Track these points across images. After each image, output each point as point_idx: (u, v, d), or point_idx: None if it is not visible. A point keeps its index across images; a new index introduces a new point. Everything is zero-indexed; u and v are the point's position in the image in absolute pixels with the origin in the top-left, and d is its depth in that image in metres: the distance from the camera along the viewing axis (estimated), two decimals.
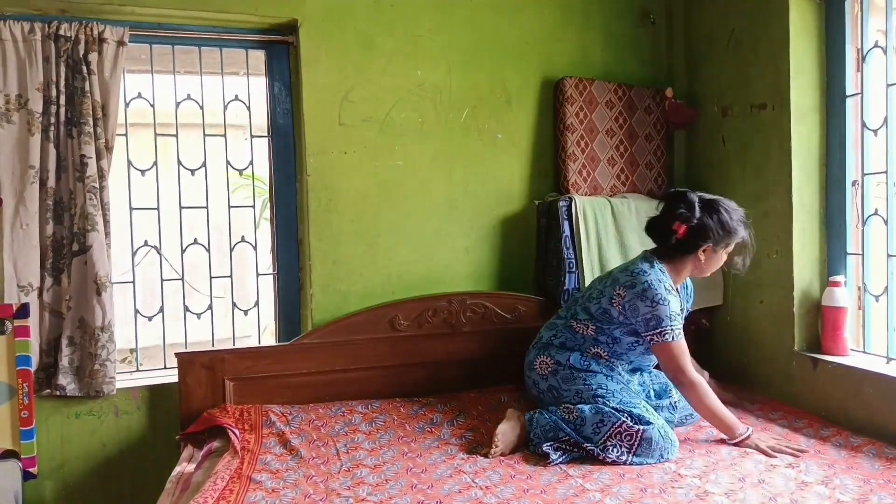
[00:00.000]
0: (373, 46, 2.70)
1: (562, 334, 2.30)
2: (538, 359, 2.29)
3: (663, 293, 2.14)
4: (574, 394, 2.18)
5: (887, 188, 2.30)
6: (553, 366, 2.25)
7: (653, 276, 2.17)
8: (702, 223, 2.17)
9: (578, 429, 2.07)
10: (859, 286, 2.44)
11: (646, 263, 2.22)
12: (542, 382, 2.26)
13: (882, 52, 2.31)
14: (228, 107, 2.75)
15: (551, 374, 2.24)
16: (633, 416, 2.06)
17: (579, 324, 2.28)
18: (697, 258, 2.22)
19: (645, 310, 2.14)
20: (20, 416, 2.35)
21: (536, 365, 2.28)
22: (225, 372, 2.46)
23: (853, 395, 2.26)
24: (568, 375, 2.21)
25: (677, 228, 2.17)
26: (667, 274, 2.22)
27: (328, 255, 2.67)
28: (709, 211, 2.19)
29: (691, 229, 2.18)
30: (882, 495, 1.74)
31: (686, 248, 2.21)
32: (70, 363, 2.42)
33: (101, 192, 2.41)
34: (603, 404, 2.10)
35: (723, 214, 2.19)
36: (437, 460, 2.06)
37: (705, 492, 1.80)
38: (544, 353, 2.28)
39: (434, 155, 2.79)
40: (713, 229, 2.17)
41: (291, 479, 1.93)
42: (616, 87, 2.91)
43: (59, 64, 2.36)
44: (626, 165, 2.93)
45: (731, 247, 2.26)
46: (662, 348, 2.15)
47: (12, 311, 2.35)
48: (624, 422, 2.03)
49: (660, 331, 2.13)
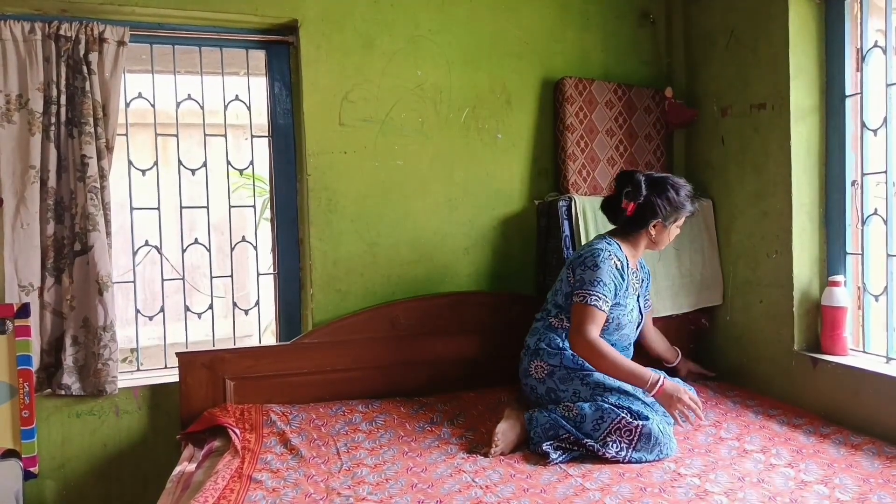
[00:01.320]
0: (373, 46, 2.70)
1: (545, 336, 2.32)
2: (532, 364, 2.30)
3: (604, 260, 2.23)
4: (572, 393, 2.20)
5: (887, 188, 2.30)
6: (548, 369, 2.26)
7: (602, 247, 2.28)
8: (648, 201, 2.27)
9: (578, 426, 2.08)
10: (859, 286, 2.44)
11: (602, 241, 2.32)
12: (540, 386, 2.27)
13: (882, 52, 2.31)
14: (229, 107, 2.75)
15: (548, 376, 2.26)
16: (632, 412, 2.07)
17: (555, 319, 2.33)
18: (649, 233, 2.33)
19: (581, 273, 2.24)
20: (21, 415, 2.35)
21: (532, 370, 2.30)
22: (225, 372, 2.47)
23: (853, 394, 2.27)
24: (564, 376, 2.23)
25: (626, 206, 2.29)
26: (621, 250, 2.31)
27: (328, 255, 2.67)
28: (656, 189, 2.28)
29: (639, 207, 2.28)
30: (882, 494, 1.74)
31: (637, 225, 2.32)
32: (74, 362, 2.42)
33: (101, 191, 2.42)
34: (602, 401, 2.11)
35: (669, 192, 2.29)
36: (437, 459, 2.07)
37: (705, 491, 1.80)
38: (537, 358, 2.29)
39: (434, 155, 2.79)
40: (660, 206, 2.28)
41: (292, 478, 1.94)
42: (616, 86, 2.92)
43: (60, 64, 2.37)
44: (626, 165, 2.93)
45: (681, 221, 2.36)
46: (578, 308, 2.21)
47: (13, 311, 2.35)
48: (623, 417, 2.04)
49: (584, 291, 2.21)
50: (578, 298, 2.22)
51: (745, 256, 2.73)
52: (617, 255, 2.28)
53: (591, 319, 2.19)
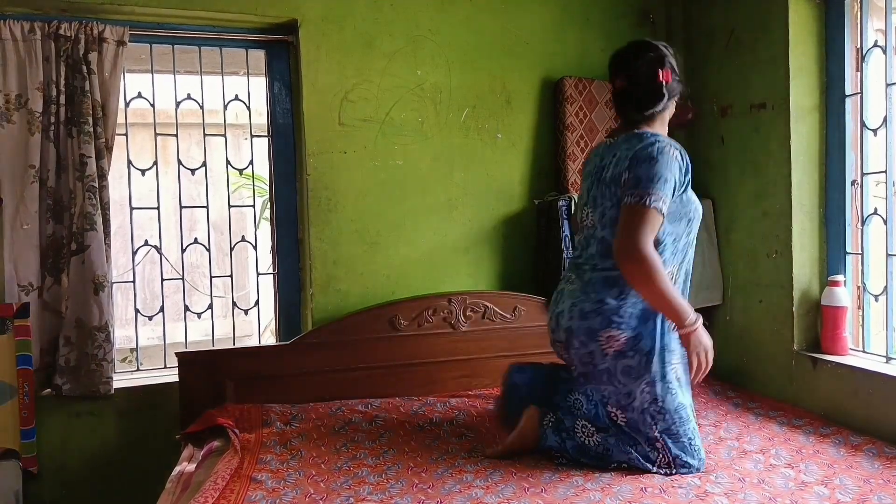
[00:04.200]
0: (373, 46, 2.70)
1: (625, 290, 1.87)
2: (606, 331, 1.88)
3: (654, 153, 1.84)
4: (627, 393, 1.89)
5: (887, 188, 2.30)
6: (626, 343, 1.87)
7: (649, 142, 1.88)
8: (669, 63, 1.96)
9: (601, 457, 1.95)
10: (859, 286, 2.44)
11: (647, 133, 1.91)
12: (600, 361, 1.92)
13: (881, 51, 2.31)
14: (228, 107, 2.75)
15: (613, 357, 1.89)
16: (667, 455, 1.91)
17: None
18: (664, 109, 1.98)
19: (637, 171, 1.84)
20: (20, 415, 2.35)
21: (602, 338, 1.89)
22: (225, 371, 2.46)
23: (853, 394, 2.27)
24: (634, 369, 1.88)
25: (663, 78, 1.93)
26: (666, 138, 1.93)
27: (328, 255, 2.67)
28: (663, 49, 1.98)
29: (672, 71, 1.95)
30: (882, 495, 1.74)
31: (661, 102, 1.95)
32: (66, 363, 2.41)
33: (100, 191, 2.41)
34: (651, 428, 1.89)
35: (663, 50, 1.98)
36: (438, 460, 2.06)
37: (705, 492, 1.80)
38: (613, 326, 1.87)
39: (434, 155, 2.79)
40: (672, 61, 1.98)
41: (292, 478, 1.93)
42: None
43: (59, 63, 2.37)
44: None
45: None
46: (631, 209, 1.80)
47: (13, 311, 2.35)
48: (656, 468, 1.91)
49: (641, 190, 1.80)
50: (634, 199, 1.79)
51: (745, 256, 2.73)
52: (672, 145, 1.87)
53: (650, 224, 1.78)
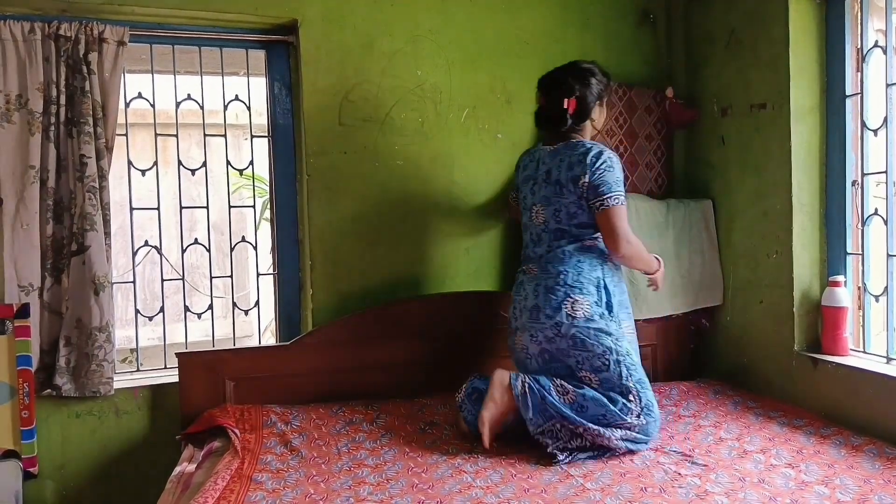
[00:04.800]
0: (373, 46, 2.70)
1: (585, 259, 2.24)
2: (570, 299, 2.17)
3: (612, 157, 2.22)
4: (601, 353, 2.13)
5: (887, 188, 2.30)
6: (591, 306, 2.17)
7: (597, 148, 2.23)
8: (582, 90, 2.29)
9: (578, 412, 2.08)
10: (859, 286, 2.44)
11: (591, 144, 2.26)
12: (567, 326, 2.15)
13: (882, 52, 2.31)
14: (228, 107, 2.75)
15: (584, 319, 2.15)
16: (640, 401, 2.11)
17: (589, 239, 2.26)
18: (592, 122, 2.35)
19: (600, 177, 2.18)
20: (20, 415, 2.35)
21: (567, 305, 2.17)
22: (225, 372, 2.46)
23: (853, 394, 2.27)
24: (603, 329, 2.14)
25: (568, 105, 2.28)
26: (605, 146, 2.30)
27: (328, 255, 2.67)
28: (580, 77, 2.30)
29: (579, 99, 2.28)
30: (882, 495, 1.74)
31: (581, 118, 2.30)
32: (66, 363, 2.41)
33: (100, 191, 2.41)
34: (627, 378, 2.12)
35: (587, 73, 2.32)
36: (438, 460, 2.07)
37: (705, 491, 1.80)
38: (576, 291, 2.18)
39: (434, 155, 2.79)
40: (592, 89, 2.30)
41: (292, 478, 1.94)
42: (616, 86, 2.92)
43: (59, 64, 2.36)
44: (627, 165, 2.93)
45: (608, 94, 2.42)
46: (611, 212, 2.17)
47: (13, 311, 2.35)
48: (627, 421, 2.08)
49: (613, 192, 2.17)
50: (612, 202, 2.17)
51: (746, 256, 2.73)
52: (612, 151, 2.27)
53: (625, 217, 2.19)
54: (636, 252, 2.23)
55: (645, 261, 2.31)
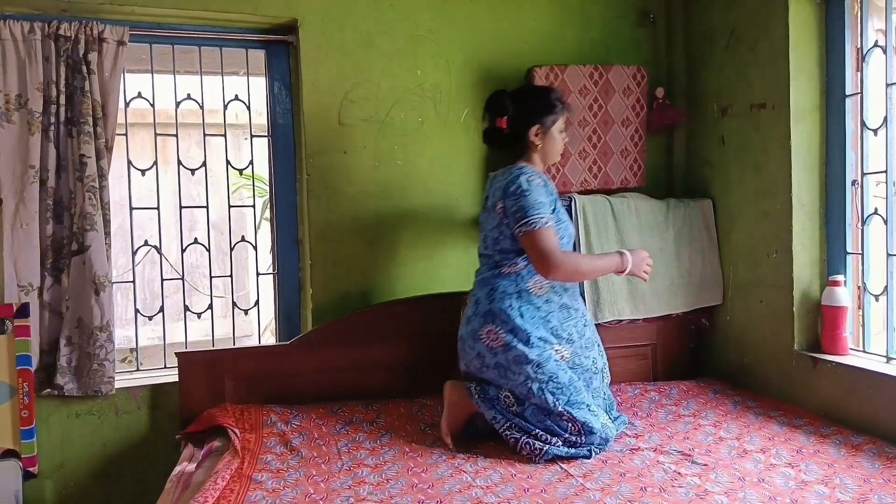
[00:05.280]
0: (373, 46, 2.70)
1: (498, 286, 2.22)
2: (485, 328, 2.19)
3: (529, 181, 2.18)
4: (524, 380, 2.12)
5: (887, 188, 2.30)
6: (504, 339, 2.15)
7: (518, 172, 2.22)
8: (517, 111, 2.29)
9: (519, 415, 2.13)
10: (859, 286, 2.44)
11: (514, 169, 2.26)
12: (490, 356, 2.17)
13: (882, 51, 2.31)
14: (228, 106, 2.75)
15: (502, 350, 2.15)
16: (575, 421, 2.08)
17: (508, 266, 2.23)
18: (535, 145, 2.30)
19: (515, 204, 2.17)
20: (20, 415, 2.35)
21: (483, 335, 2.19)
22: (225, 371, 2.46)
23: (853, 394, 2.27)
24: (520, 357, 2.12)
25: (500, 124, 2.30)
26: (534, 170, 2.26)
27: (328, 255, 2.67)
28: (519, 98, 2.31)
29: (511, 119, 2.29)
30: (882, 495, 1.74)
31: (521, 139, 2.30)
32: (68, 363, 2.42)
33: (100, 191, 2.41)
34: (554, 405, 2.09)
35: (531, 95, 2.35)
36: (438, 460, 2.07)
37: (705, 491, 1.80)
38: (491, 322, 2.18)
39: (434, 155, 2.79)
40: (530, 110, 2.29)
41: (292, 478, 1.94)
42: (592, 69, 2.83)
43: (59, 64, 2.36)
44: (599, 156, 2.85)
45: (560, 123, 2.33)
46: (532, 237, 2.13)
47: (12, 311, 2.35)
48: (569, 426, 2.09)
49: (528, 218, 2.13)
50: (529, 227, 2.13)
51: (745, 256, 2.73)
52: (534, 174, 2.22)
53: (547, 240, 2.12)
54: (571, 269, 2.17)
55: (593, 271, 2.27)
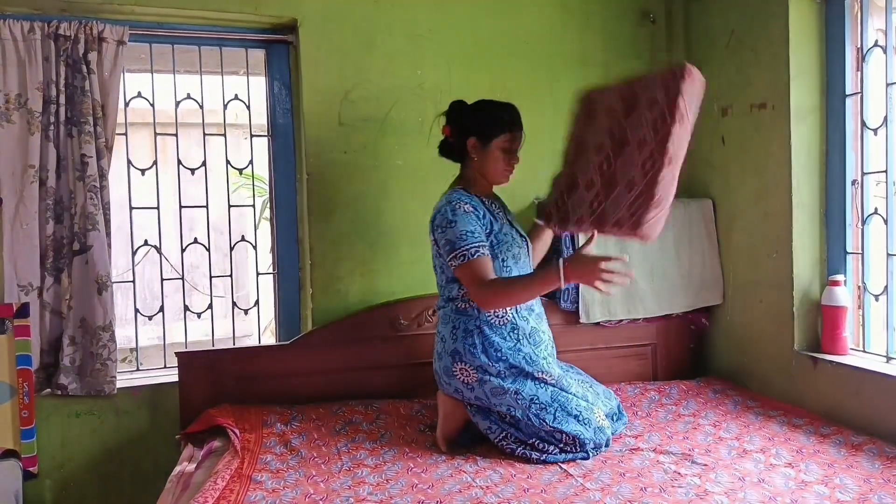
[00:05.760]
0: (373, 46, 2.70)
1: (459, 323, 2.16)
2: (457, 366, 2.13)
3: (454, 210, 2.11)
4: (507, 408, 2.10)
5: (887, 187, 2.30)
6: (476, 375, 2.12)
7: (444, 202, 2.17)
8: (461, 121, 2.25)
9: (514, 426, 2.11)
10: (859, 285, 2.44)
11: (443, 198, 2.21)
12: (468, 392, 2.14)
13: (882, 51, 2.31)
14: (228, 106, 2.75)
15: (477, 384, 2.12)
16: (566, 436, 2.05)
17: (462, 301, 2.17)
18: (472, 159, 2.22)
19: (443, 237, 2.12)
20: (20, 415, 2.35)
21: (457, 372, 2.13)
22: (225, 372, 2.46)
23: (853, 394, 2.27)
24: (497, 389, 2.09)
25: (444, 131, 2.28)
26: (465, 193, 2.19)
27: (328, 255, 2.67)
28: (467, 109, 2.27)
29: (454, 129, 2.26)
30: (882, 495, 1.74)
31: (460, 151, 2.25)
32: (72, 363, 2.42)
33: (101, 191, 2.41)
34: (541, 425, 2.06)
35: (477, 109, 2.25)
36: (438, 460, 2.06)
37: (705, 491, 1.80)
38: (460, 360, 2.13)
39: (434, 155, 2.77)
40: (470, 122, 2.23)
41: (292, 478, 1.93)
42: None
43: (59, 63, 2.36)
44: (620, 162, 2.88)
45: (501, 139, 2.19)
46: (463, 269, 2.07)
47: (12, 311, 2.35)
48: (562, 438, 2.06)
49: (457, 251, 2.07)
50: (458, 261, 2.07)
51: (746, 256, 2.73)
52: (462, 200, 2.14)
53: (481, 270, 2.05)
54: (502, 296, 2.08)
55: (526, 292, 2.12)
